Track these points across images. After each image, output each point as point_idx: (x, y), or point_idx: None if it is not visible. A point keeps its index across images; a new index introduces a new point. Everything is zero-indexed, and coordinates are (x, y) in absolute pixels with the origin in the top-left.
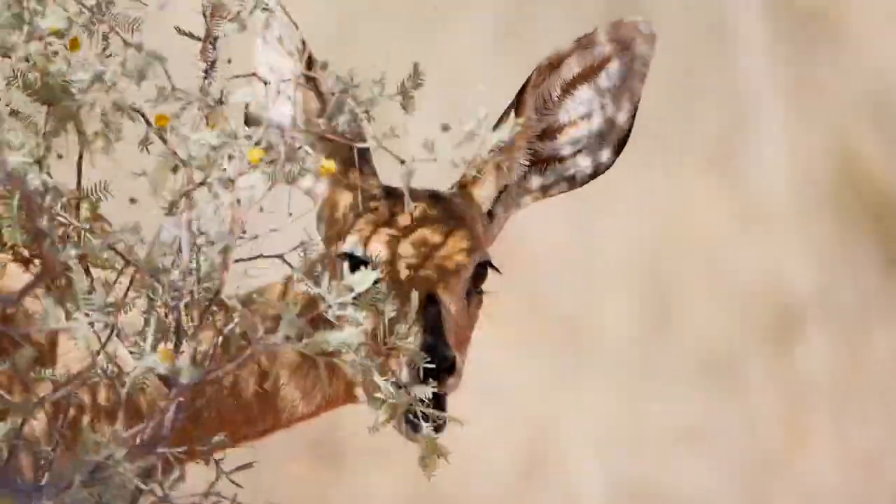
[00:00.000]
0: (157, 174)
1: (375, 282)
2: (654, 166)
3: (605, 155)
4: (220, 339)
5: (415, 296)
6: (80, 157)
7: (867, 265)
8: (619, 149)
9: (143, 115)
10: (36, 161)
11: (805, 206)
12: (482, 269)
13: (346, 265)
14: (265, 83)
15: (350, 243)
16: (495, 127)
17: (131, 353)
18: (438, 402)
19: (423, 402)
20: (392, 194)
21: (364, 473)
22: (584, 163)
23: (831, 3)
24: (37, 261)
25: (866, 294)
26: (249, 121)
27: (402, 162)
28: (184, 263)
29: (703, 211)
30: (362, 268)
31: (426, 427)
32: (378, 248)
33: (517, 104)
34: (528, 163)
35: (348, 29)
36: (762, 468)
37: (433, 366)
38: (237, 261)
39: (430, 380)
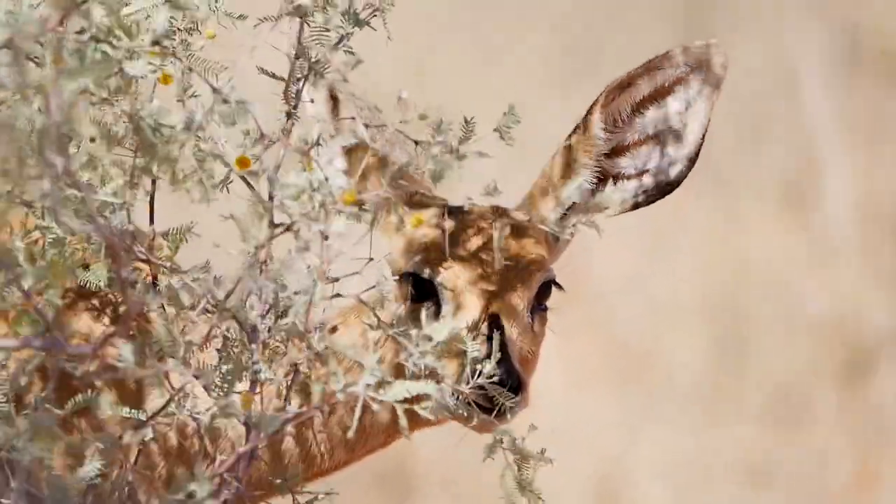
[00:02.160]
0: (248, 219)
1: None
2: (724, 202)
3: (672, 175)
4: (300, 383)
5: (478, 314)
6: (152, 198)
7: None
8: (686, 170)
9: (225, 162)
10: (122, 203)
11: (876, 242)
12: (547, 286)
13: (409, 286)
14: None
15: (414, 264)
16: (565, 143)
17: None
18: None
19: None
20: (455, 211)
21: None
22: (650, 182)
23: None
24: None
25: None
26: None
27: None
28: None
29: (772, 246)
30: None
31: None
32: (442, 272)
33: (585, 122)
34: (595, 180)
35: (416, 63)
36: None
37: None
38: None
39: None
